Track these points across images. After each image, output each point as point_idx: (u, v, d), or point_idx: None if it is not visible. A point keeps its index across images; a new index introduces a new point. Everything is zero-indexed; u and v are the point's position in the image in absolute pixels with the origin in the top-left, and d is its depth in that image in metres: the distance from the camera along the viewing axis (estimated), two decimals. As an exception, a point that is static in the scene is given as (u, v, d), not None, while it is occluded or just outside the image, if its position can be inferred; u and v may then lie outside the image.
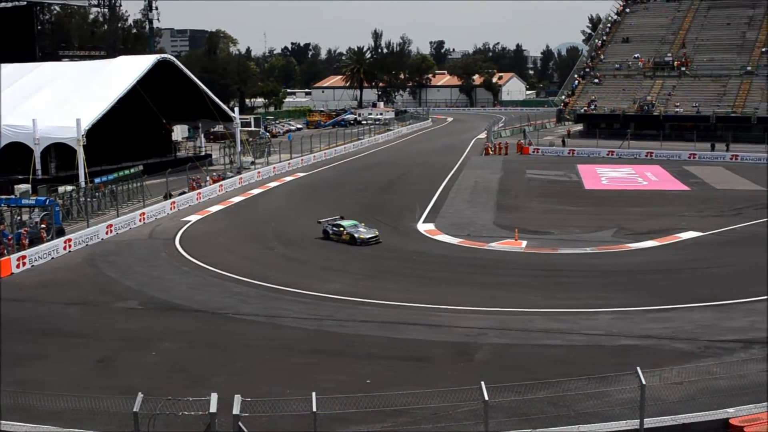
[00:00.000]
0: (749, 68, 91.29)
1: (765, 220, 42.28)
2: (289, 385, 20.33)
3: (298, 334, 25.43)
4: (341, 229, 38.77)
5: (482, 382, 15.39)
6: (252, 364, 22.73)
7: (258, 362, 22.85)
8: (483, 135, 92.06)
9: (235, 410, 14.93)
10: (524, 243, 38.11)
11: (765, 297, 28.09)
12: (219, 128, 77.54)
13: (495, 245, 38.12)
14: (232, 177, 59.29)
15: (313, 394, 15.10)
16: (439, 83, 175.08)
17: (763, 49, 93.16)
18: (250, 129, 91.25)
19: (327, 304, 28.36)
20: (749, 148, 72.79)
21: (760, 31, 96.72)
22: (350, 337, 24.96)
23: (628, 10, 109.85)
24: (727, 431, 16.75)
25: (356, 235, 38.16)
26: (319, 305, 28.29)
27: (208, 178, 57.22)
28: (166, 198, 49.30)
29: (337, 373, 21.68)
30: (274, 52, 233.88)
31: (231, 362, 22.76)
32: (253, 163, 66.47)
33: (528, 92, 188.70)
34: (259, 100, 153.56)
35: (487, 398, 15.06)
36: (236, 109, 74.48)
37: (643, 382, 15.55)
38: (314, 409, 14.96)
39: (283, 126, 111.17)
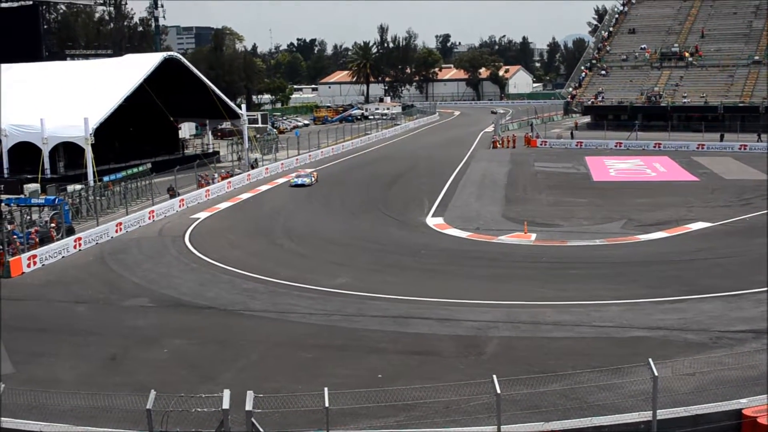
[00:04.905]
0: (756, 57, 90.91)
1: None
2: (300, 380, 20.34)
3: (307, 329, 25.41)
4: None
5: (494, 376, 15.36)
6: (262, 360, 22.75)
7: (267, 358, 22.86)
8: (490, 128, 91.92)
9: (248, 406, 14.93)
10: (533, 236, 38.06)
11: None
12: (226, 125, 77.69)
13: (504, 238, 38.07)
14: (240, 173, 59.37)
15: (325, 389, 15.09)
16: (446, 77, 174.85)
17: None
18: (257, 125, 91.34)
19: (335, 299, 28.35)
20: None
21: (766, 21, 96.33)
22: (359, 332, 24.94)
23: (634, 1, 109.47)
24: (740, 422, 16.68)
25: None
26: (327, 300, 28.28)
27: (216, 175, 57.27)
28: (169, 194, 49.34)
29: (347, 368, 21.67)
30: (280, 49, 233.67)
31: (241, 358, 22.78)
32: (257, 160, 66.41)
33: (535, 85, 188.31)
34: (266, 97, 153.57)
35: (499, 391, 15.03)
36: (243, 106, 74.44)
37: (656, 374, 15.49)
38: (326, 404, 14.95)
39: (290, 122, 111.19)
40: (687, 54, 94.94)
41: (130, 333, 25.44)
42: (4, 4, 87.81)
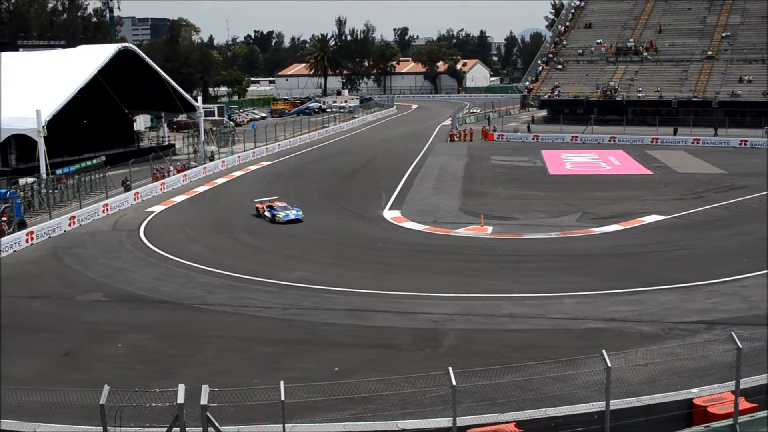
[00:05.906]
0: (710, 53, 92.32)
1: (726, 203, 42.83)
2: (257, 374, 20.26)
3: (265, 323, 25.35)
4: None
5: (450, 368, 15.43)
6: (219, 354, 22.62)
7: (225, 352, 22.74)
8: (448, 122, 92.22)
9: (203, 401, 14.83)
10: (490, 229, 38.28)
11: (727, 279, 28.56)
12: (182, 118, 76.93)
13: (461, 231, 38.25)
14: (196, 166, 58.88)
15: (281, 382, 15.05)
16: (404, 70, 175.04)
17: (723, 34, 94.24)
18: (213, 118, 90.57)
19: (292, 293, 28.27)
20: (711, 132, 73.84)
21: (719, 16, 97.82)
22: (316, 325, 24.92)
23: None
24: (690, 411, 16.96)
25: None
26: (284, 294, 28.20)
27: (171, 167, 56.73)
28: (124, 186, 48.78)
29: (304, 361, 21.65)
30: (237, 41, 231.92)
31: (198, 353, 22.63)
32: (213, 153, 65.82)
33: (492, 79, 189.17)
34: (223, 89, 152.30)
35: (454, 383, 15.11)
36: (199, 99, 73.95)
37: (609, 365, 15.69)
38: (282, 398, 14.91)
39: (247, 115, 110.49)
40: (642, 49, 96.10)
41: (84, 328, 25.16)
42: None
